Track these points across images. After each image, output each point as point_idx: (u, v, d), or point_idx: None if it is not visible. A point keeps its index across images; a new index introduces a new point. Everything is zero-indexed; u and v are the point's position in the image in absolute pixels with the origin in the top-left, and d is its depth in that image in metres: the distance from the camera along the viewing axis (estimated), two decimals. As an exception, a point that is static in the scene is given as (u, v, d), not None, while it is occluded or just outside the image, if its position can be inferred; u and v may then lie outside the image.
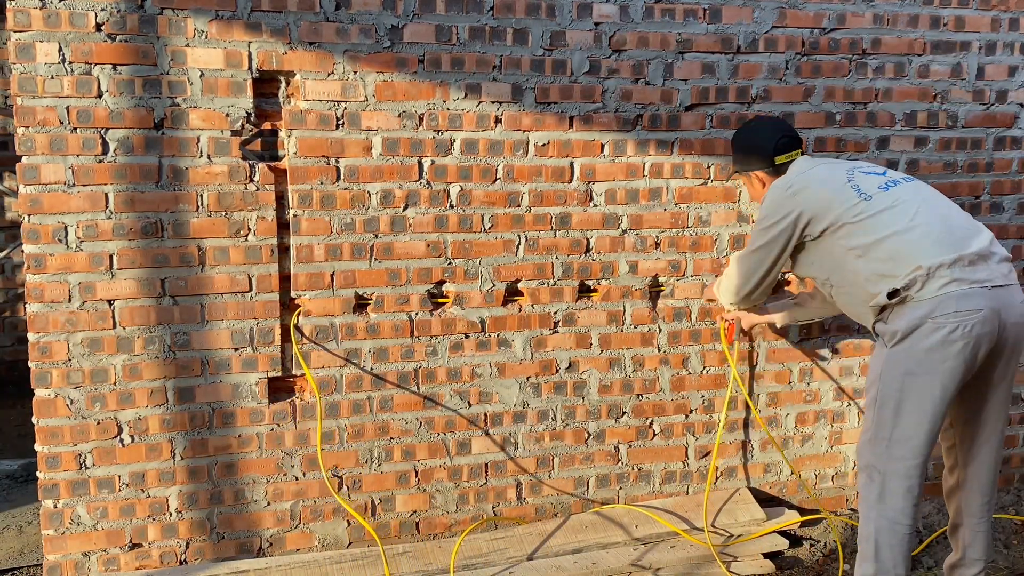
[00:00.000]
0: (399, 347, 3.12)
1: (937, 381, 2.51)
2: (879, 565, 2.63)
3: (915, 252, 2.53)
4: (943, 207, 2.66)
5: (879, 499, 2.62)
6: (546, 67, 3.12)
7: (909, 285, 2.51)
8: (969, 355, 2.49)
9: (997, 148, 3.60)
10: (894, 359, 2.57)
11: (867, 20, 3.38)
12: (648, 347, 3.37)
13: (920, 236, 2.55)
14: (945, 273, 2.48)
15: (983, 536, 2.80)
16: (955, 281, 2.48)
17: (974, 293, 2.48)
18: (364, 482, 3.16)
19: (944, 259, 2.49)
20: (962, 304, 2.46)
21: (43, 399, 2.83)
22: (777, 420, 3.54)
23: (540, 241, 3.21)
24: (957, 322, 2.46)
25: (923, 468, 2.60)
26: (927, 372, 2.51)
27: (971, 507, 2.79)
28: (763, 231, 2.87)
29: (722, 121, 3.32)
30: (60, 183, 2.74)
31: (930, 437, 2.57)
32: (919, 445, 2.57)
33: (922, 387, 2.53)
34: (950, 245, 2.52)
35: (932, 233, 2.55)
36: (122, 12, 2.72)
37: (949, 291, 2.47)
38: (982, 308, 2.47)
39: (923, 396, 2.53)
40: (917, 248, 2.53)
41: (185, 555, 3.02)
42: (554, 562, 3.09)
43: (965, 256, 2.50)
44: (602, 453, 3.39)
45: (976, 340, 2.48)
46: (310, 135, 2.94)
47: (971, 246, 2.53)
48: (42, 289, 2.78)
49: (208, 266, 2.90)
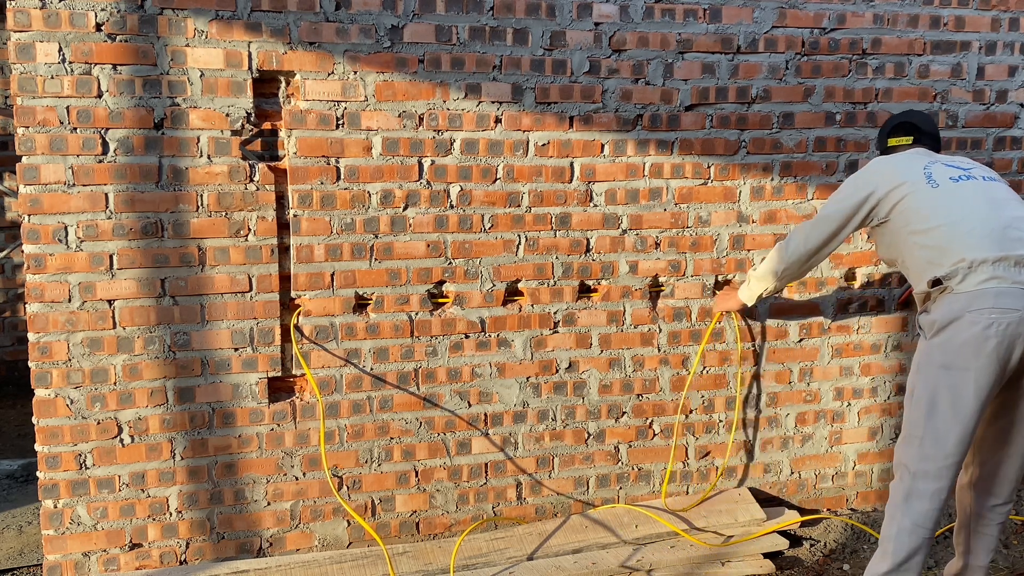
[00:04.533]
0: (399, 347, 3.12)
1: (971, 378, 2.50)
2: (894, 563, 2.62)
3: (962, 244, 2.53)
4: (1009, 210, 2.61)
5: (905, 499, 2.61)
6: (546, 67, 3.12)
7: (951, 275, 2.52)
8: (1004, 353, 2.47)
9: (997, 148, 3.60)
10: (931, 352, 2.59)
11: (867, 20, 3.38)
12: (648, 347, 3.37)
13: (970, 229, 2.55)
14: (987, 269, 2.48)
15: (987, 540, 2.78)
16: (996, 278, 2.47)
17: (1014, 292, 2.47)
18: (364, 482, 3.16)
19: (988, 255, 2.49)
20: (1000, 301, 2.46)
21: (43, 399, 2.83)
22: (777, 420, 3.54)
23: (540, 241, 3.21)
24: (993, 318, 2.46)
25: (954, 471, 2.58)
26: (962, 367, 2.50)
27: (981, 508, 2.78)
28: (836, 201, 2.84)
29: (722, 121, 3.32)
30: (60, 183, 2.75)
31: (963, 438, 2.54)
32: (951, 445, 2.54)
33: (956, 382, 2.52)
34: (998, 243, 2.51)
35: (983, 228, 2.54)
36: (122, 12, 2.72)
37: (988, 286, 2.47)
38: (1020, 308, 2.45)
39: (957, 392, 2.52)
40: (965, 240, 2.53)
41: (185, 555, 3.02)
42: (554, 562, 3.09)
43: (1012, 256, 2.49)
44: (602, 453, 3.39)
45: (1011, 340, 2.46)
46: (310, 135, 2.94)
47: (1022, 249, 2.51)
48: (42, 289, 2.78)
49: (208, 266, 2.90)
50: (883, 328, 3.59)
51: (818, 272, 3.49)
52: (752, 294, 3.13)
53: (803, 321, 3.51)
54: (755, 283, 3.10)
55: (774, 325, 3.49)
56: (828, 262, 3.48)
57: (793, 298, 3.50)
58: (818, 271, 3.48)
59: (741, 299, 3.19)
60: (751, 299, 3.15)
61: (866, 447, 3.65)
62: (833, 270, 3.50)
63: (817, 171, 3.44)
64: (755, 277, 3.10)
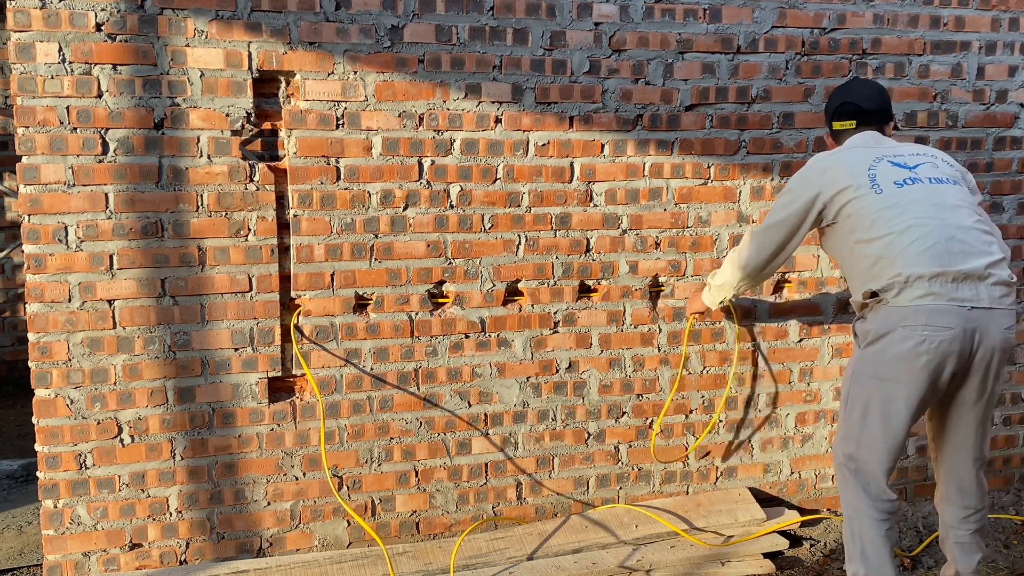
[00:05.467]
0: (399, 347, 3.12)
1: (902, 391, 2.50)
2: (867, 564, 2.62)
3: (900, 258, 2.49)
4: (955, 219, 2.54)
5: (856, 498, 2.63)
6: (546, 67, 3.12)
7: (887, 288, 2.49)
8: (934, 371, 2.47)
9: (997, 148, 3.60)
10: (865, 361, 2.59)
11: (867, 20, 3.38)
12: (648, 347, 3.37)
13: (909, 242, 2.49)
14: (923, 285, 2.45)
15: (969, 547, 2.78)
16: (931, 295, 2.44)
17: (949, 310, 2.44)
18: (364, 482, 3.16)
19: (925, 271, 2.45)
20: (933, 319, 2.44)
21: (43, 399, 2.83)
22: (777, 420, 3.54)
23: (540, 241, 3.21)
24: (925, 335, 2.44)
25: (889, 470, 2.60)
26: (893, 380, 2.51)
27: (947, 518, 2.79)
28: (782, 206, 2.75)
29: (722, 121, 3.32)
30: (60, 183, 2.75)
31: (893, 444, 2.57)
32: (884, 450, 2.57)
33: (888, 394, 2.53)
34: (938, 258, 2.46)
35: (923, 242, 2.48)
36: (122, 12, 2.72)
37: (923, 303, 2.45)
38: (953, 327, 2.43)
39: (888, 403, 2.53)
40: (903, 254, 2.49)
41: (185, 555, 3.02)
42: (554, 562, 3.09)
43: (950, 272, 2.45)
44: (602, 453, 3.39)
45: (942, 357, 2.45)
46: (310, 135, 2.94)
47: (963, 264, 2.46)
48: (42, 289, 2.78)
49: (208, 266, 2.90)
50: (883, 328, 3.59)
51: (818, 272, 3.49)
52: (713, 300, 3.10)
53: (803, 321, 3.51)
54: (715, 291, 3.06)
55: (774, 325, 3.49)
56: (828, 262, 3.48)
57: (793, 298, 3.50)
58: (818, 271, 3.48)
59: (705, 303, 3.15)
60: (713, 304, 3.12)
61: (866, 447, 3.65)
62: (833, 270, 3.50)
63: (817, 171, 3.44)
64: (714, 285, 3.06)
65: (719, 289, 3.05)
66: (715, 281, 3.05)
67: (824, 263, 3.47)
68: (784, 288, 3.49)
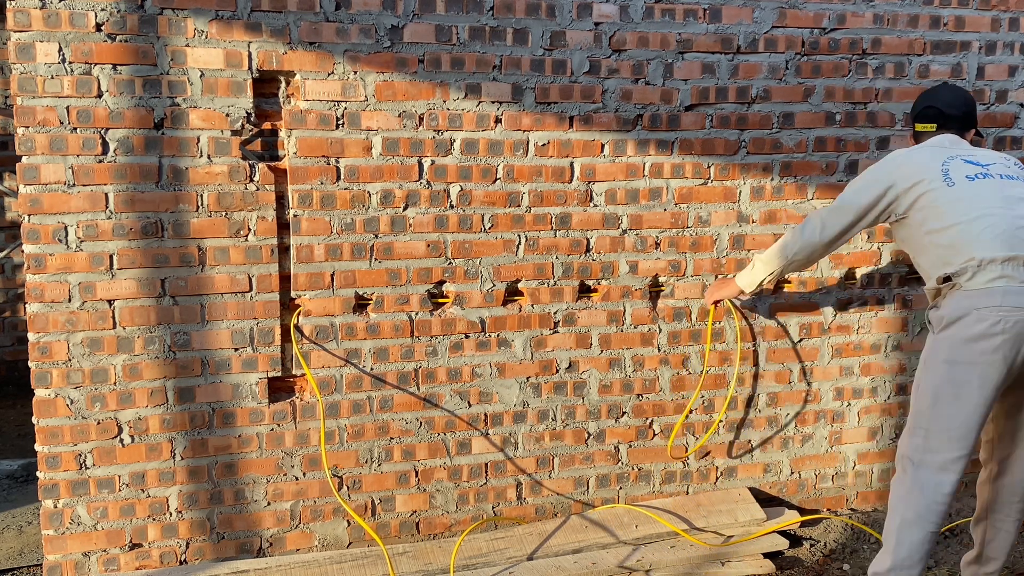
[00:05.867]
0: (399, 347, 3.12)
1: (976, 373, 2.52)
2: (896, 560, 2.62)
3: (973, 243, 2.55)
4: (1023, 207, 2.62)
5: (908, 492, 2.63)
6: (546, 67, 3.12)
7: (960, 272, 2.55)
8: (1009, 352, 2.50)
9: (997, 148, 3.59)
10: (938, 347, 2.61)
11: (867, 20, 3.38)
12: (648, 347, 3.37)
13: (981, 229, 2.56)
14: (996, 268, 2.51)
15: (1004, 536, 2.79)
16: (1004, 277, 2.50)
17: (1022, 291, 2.48)
18: (364, 482, 3.16)
19: (998, 254, 2.51)
20: (1007, 299, 2.48)
21: (43, 399, 2.83)
22: (777, 420, 3.54)
23: (540, 241, 3.21)
24: (999, 316, 2.48)
25: (959, 465, 2.58)
26: (967, 362, 2.53)
27: (997, 503, 2.79)
28: (855, 192, 2.83)
29: (722, 121, 3.32)
30: (60, 183, 2.75)
31: (966, 433, 2.56)
32: (956, 439, 2.56)
33: (961, 377, 2.54)
34: (1008, 243, 2.53)
35: (994, 228, 2.55)
36: (122, 12, 2.72)
37: (996, 285, 2.50)
38: None
39: (961, 387, 2.54)
40: (975, 240, 2.55)
41: (185, 555, 3.02)
42: (554, 562, 3.09)
43: (1021, 256, 2.51)
44: (602, 453, 3.39)
45: (1016, 338, 2.48)
46: (310, 135, 2.94)
47: None
48: (42, 289, 2.78)
49: (208, 266, 2.90)
50: (883, 328, 3.59)
51: (818, 272, 3.49)
52: (754, 279, 3.12)
53: (803, 321, 3.51)
54: (760, 267, 3.09)
55: (774, 325, 3.49)
56: (828, 261, 3.48)
57: (793, 298, 3.50)
58: (818, 271, 3.48)
59: (739, 285, 3.18)
60: (751, 285, 3.14)
61: (866, 447, 3.65)
62: (833, 270, 3.50)
63: (817, 171, 3.44)
64: (761, 260, 3.08)
65: (765, 264, 3.06)
66: (764, 256, 3.09)
67: (824, 263, 3.47)
68: (784, 288, 3.49)
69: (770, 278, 3.10)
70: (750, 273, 3.14)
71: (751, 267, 3.14)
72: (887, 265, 3.55)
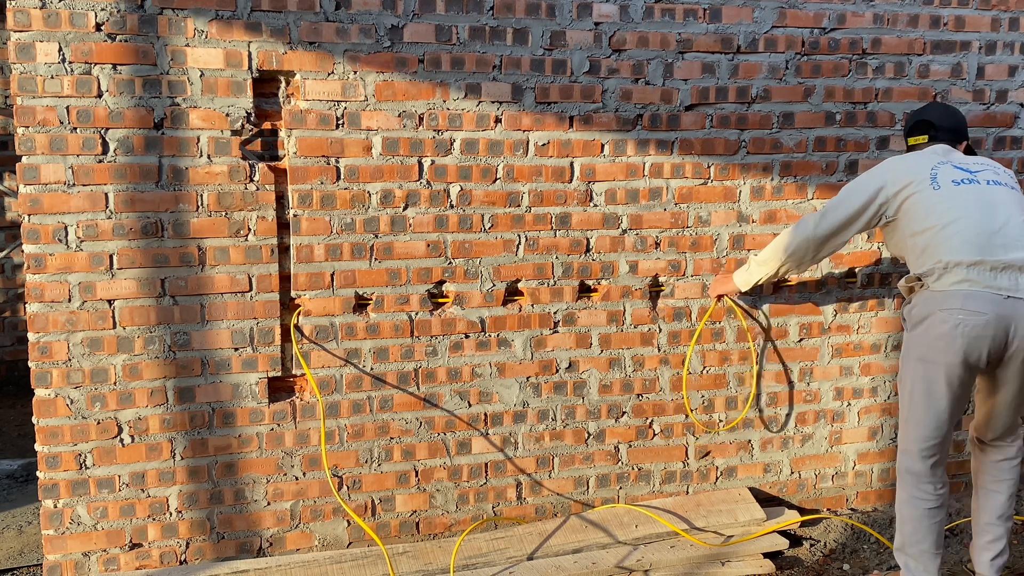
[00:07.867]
0: (399, 347, 3.12)
1: (942, 371, 2.64)
2: (902, 538, 2.83)
3: (942, 247, 2.64)
4: (1003, 215, 2.66)
5: (901, 475, 2.82)
6: (546, 67, 3.12)
7: (928, 274, 2.65)
8: (970, 352, 2.59)
9: (997, 148, 3.60)
10: (911, 343, 2.75)
11: (867, 20, 3.38)
12: (648, 347, 3.37)
13: (953, 233, 2.64)
14: (961, 271, 2.60)
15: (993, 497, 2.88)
16: (968, 281, 2.58)
17: (983, 296, 2.56)
18: (364, 482, 3.16)
19: (964, 258, 2.59)
20: (968, 303, 2.57)
21: (43, 399, 2.83)
22: (777, 420, 3.54)
23: (540, 241, 3.21)
24: (959, 319, 2.58)
25: (937, 450, 2.74)
26: (934, 360, 2.66)
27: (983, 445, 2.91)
28: (849, 192, 2.91)
29: (722, 121, 3.32)
30: (60, 183, 2.75)
31: (938, 423, 2.70)
32: (930, 428, 2.71)
33: (929, 374, 2.69)
34: (978, 248, 2.60)
35: (965, 233, 2.62)
36: (122, 12, 2.72)
37: (959, 288, 2.59)
38: (986, 312, 2.55)
39: (930, 382, 2.68)
40: (945, 243, 2.64)
41: (185, 555, 3.02)
42: (554, 562, 3.09)
43: (989, 262, 2.58)
44: (602, 453, 3.39)
45: (975, 342, 2.58)
46: (310, 135, 2.94)
47: (1004, 255, 2.59)
48: (42, 289, 2.78)
49: (208, 266, 2.90)
50: (883, 328, 3.59)
51: (818, 272, 3.49)
52: (749, 279, 3.17)
53: (803, 321, 3.51)
54: (755, 267, 3.14)
55: (774, 325, 3.49)
56: (828, 262, 3.48)
57: (793, 298, 3.50)
58: (818, 271, 3.48)
59: (736, 284, 3.22)
60: (746, 285, 3.19)
61: (866, 447, 3.65)
62: (833, 270, 3.50)
63: (817, 171, 3.44)
64: (757, 261, 3.14)
65: (761, 265, 3.12)
66: (759, 257, 3.14)
67: (824, 264, 3.47)
68: (784, 288, 3.49)
69: (767, 276, 3.12)
70: (745, 272, 3.19)
71: (747, 267, 3.18)
72: (887, 265, 3.56)
